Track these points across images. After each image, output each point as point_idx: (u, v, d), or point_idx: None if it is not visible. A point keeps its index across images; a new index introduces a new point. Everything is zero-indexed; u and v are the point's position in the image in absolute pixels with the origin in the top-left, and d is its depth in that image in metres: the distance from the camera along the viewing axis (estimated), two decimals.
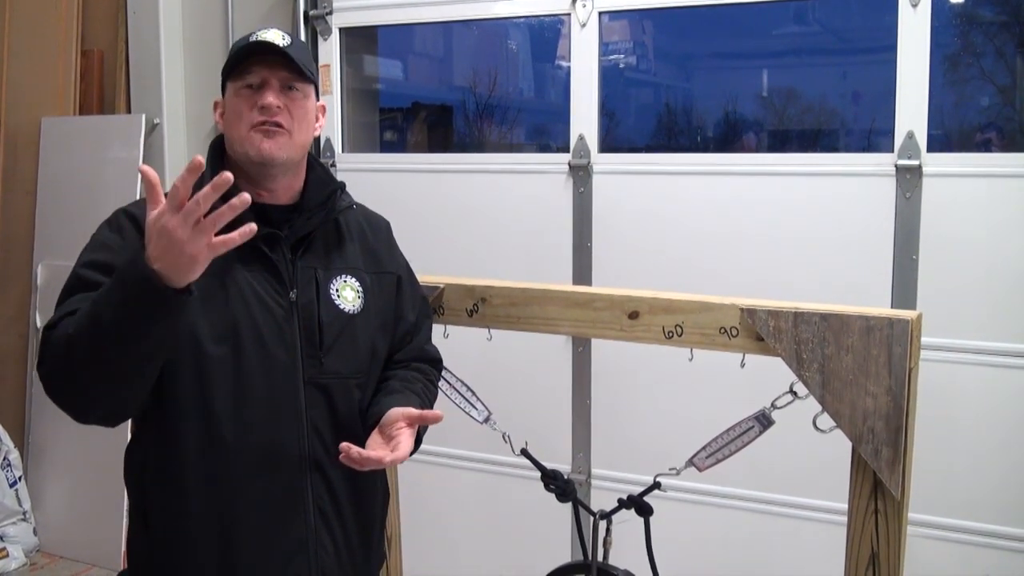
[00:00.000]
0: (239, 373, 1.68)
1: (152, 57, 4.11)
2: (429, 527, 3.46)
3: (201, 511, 1.69)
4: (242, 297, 1.70)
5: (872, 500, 1.79)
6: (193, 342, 1.66)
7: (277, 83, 1.73)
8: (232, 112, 1.76)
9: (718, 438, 1.90)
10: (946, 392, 2.85)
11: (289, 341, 1.73)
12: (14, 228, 4.40)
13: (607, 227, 3.36)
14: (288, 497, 1.73)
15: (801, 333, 1.77)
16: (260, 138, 1.72)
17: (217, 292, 1.68)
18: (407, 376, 1.90)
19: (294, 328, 1.73)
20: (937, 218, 2.90)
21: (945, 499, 2.92)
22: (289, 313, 1.73)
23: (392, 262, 1.95)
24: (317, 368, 1.75)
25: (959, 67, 3.10)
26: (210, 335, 1.67)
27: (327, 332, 1.76)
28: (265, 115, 1.71)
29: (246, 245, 1.68)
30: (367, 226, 1.94)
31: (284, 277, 1.74)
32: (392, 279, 1.92)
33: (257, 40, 1.73)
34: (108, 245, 1.68)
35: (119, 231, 1.71)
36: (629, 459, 3.30)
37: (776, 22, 3.61)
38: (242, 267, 1.71)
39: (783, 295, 1.89)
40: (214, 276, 1.67)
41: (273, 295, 1.73)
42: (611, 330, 1.97)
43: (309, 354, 1.74)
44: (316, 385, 1.75)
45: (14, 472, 4.16)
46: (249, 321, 1.69)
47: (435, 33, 4.27)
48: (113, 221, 1.74)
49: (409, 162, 3.94)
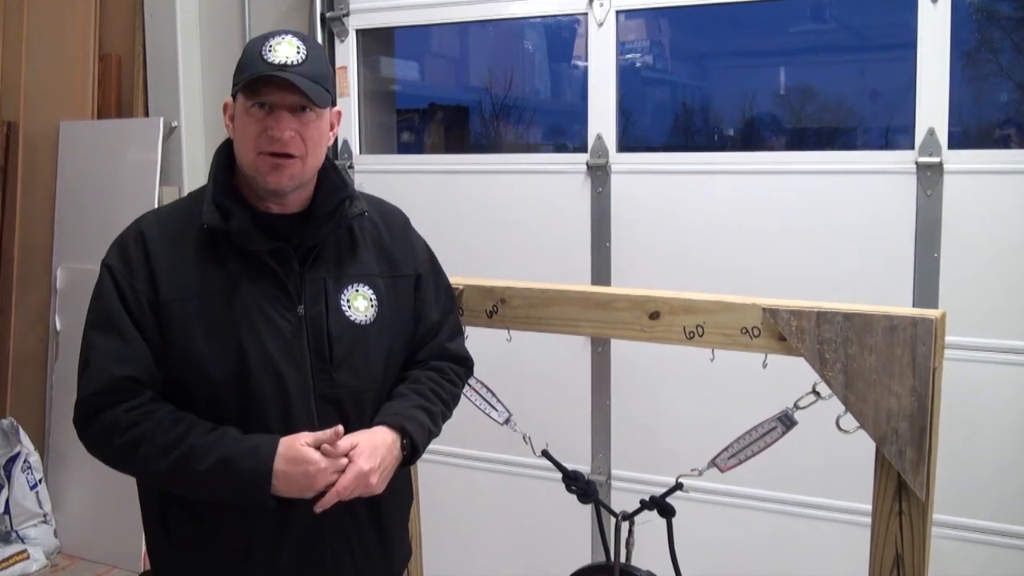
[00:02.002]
0: (248, 394, 1.67)
1: (169, 60, 4.13)
2: (450, 529, 3.45)
3: (217, 525, 1.70)
4: (247, 317, 1.67)
5: (896, 501, 1.77)
6: (198, 366, 1.66)
7: (288, 108, 1.66)
8: (241, 127, 1.70)
9: (740, 439, 1.88)
10: (969, 391, 2.82)
11: (298, 357, 1.70)
12: (33, 232, 4.42)
13: (626, 227, 3.34)
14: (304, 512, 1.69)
15: (824, 333, 1.76)
16: (268, 169, 1.67)
17: (222, 312, 1.67)
18: (418, 377, 1.87)
19: (303, 343, 1.71)
20: (958, 215, 2.87)
21: (968, 500, 2.89)
22: (298, 328, 1.71)
23: (409, 261, 1.90)
24: (328, 383, 1.73)
25: (977, 63, 3.07)
26: (216, 357, 1.65)
27: (337, 345, 1.73)
28: (275, 147, 1.66)
29: (253, 260, 1.68)
30: (382, 225, 1.89)
31: (292, 291, 1.72)
32: (409, 281, 1.89)
33: (265, 61, 1.64)
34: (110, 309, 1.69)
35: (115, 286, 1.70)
36: (648, 460, 3.29)
37: (794, 19, 3.59)
38: (249, 283, 1.69)
39: (803, 294, 1.87)
40: (220, 295, 1.67)
41: (281, 311, 1.70)
42: (631, 331, 1.96)
43: (320, 368, 1.72)
44: (328, 399, 1.73)
45: (35, 474, 4.18)
46: (255, 341, 1.67)
47: (451, 33, 4.26)
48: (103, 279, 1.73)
49: (426, 163, 3.93)
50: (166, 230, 1.72)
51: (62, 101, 4.35)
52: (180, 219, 1.75)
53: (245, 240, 1.68)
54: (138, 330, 1.66)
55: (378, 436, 1.71)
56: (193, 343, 1.65)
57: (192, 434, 1.60)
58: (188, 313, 1.66)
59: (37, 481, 4.18)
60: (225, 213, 1.69)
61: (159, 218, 1.78)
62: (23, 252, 4.45)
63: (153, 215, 1.80)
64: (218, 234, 1.69)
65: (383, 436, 1.71)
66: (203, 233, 1.70)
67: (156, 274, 1.67)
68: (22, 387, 4.43)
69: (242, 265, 1.69)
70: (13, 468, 4.13)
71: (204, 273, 1.68)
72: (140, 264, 1.68)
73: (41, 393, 4.36)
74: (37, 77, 4.43)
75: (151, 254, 1.68)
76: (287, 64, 1.64)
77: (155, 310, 1.66)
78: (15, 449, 4.17)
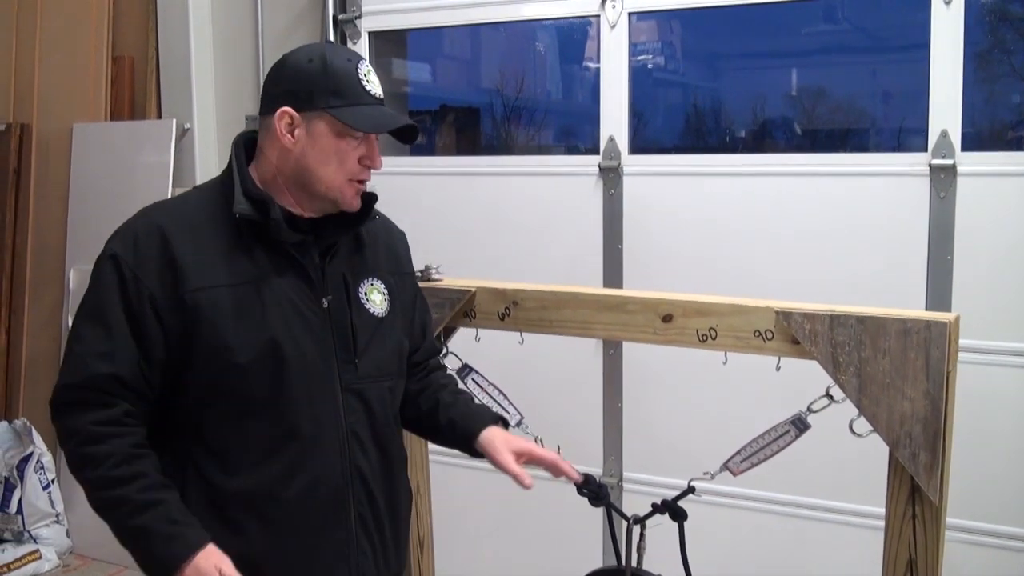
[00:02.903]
0: (280, 383, 1.68)
1: (182, 62, 4.14)
2: (460, 531, 3.45)
3: (244, 521, 1.70)
4: (278, 306, 1.69)
5: (910, 505, 1.77)
6: (227, 354, 1.65)
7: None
8: (329, 151, 1.70)
9: (753, 442, 1.88)
10: (981, 395, 2.81)
11: (326, 347, 1.73)
12: (46, 233, 4.44)
13: (637, 229, 3.34)
14: (331, 506, 1.74)
15: (837, 336, 1.75)
16: (354, 194, 1.74)
17: (252, 301, 1.68)
18: (464, 391, 2.01)
19: (328, 334, 1.74)
20: (971, 217, 2.86)
21: (980, 503, 2.88)
22: (324, 320, 1.73)
23: (409, 263, 1.99)
24: (352, 373, 1.75)
25: (989, 64, 3.06)
26: (245, 345, 1.66)
27: (360, 336, 1.77)
28: (367, 175, 1.75)
29: (279, 252, 1.70)
30: (385, 232, 1.95)
31: (316, 283, 1.74)
32: (412, 279, 1.96)
33: (376, 103, 1.74)
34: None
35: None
36: (660, 463, 3.28)
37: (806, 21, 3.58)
38: (276, 274, 1.71)
39: (815, 297, 1.87)
40: (250, 284, 1.68)
41: (307, 302, 1.72)
42: (644, 333, 1.96)
43: (345, 359, 1.75)
44: (352, 390, 1.75)
45: (47, 475, 4.19)
46: (286, 330, 1.68)
47: (462, 35, 4.26)
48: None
49: (438, 165, 3.94)
50: (185, 222, 1.71)
51: (75, 103, 4.37)
52: (196, 210, 1.75)
53: (277, 231, 1.70)
54: (131, 326, 1.64)
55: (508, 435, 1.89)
56: (222, 331, 1.65)
57: (135, 485, 1.60)
58: (216, 300, 1.65)
59: (50, 481, 4.20)
60: (257, 204, 1.70)
61: (172, 210, 1.77)
62: (36, 253, 4.47)
63: (162, 208, 1.79)
64: (245, 225, 1.70)
65: (504, 432, 1.89)
66: (230, 223, 1.70)
67: (179, 265, 1.65)
68: (35, 387, 4.44)
69: (270, 256, 1.70)
70: (26, 468, 4.15)
71: (232, 263, 1.69)
72: (155, 258, 1.66)
73: None
74: (50, 79, 4.45)
75: (173, 246, 1.66)
76: (382, 96, 1.75)
77: (167, 303, 1.65)
78: (28, 449, 4.18)
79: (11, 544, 4.09)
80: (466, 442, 1.87)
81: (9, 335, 4.53)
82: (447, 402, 1.93)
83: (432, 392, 1.96)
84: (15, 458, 4.17)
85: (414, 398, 1.95)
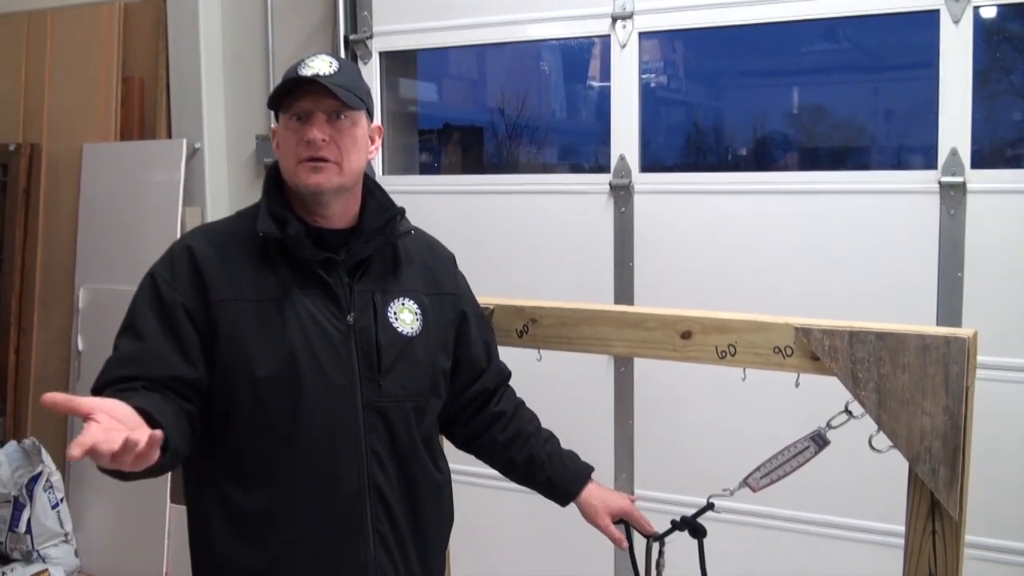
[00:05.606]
0: (297, 398, 1.69)
1: (192, 82, 4.16)
2: (475, 549, 3.44)
3: (261, 537, 1.71)
4: (299, 321, 1.70)
5: (930, 521, 1.77)
6: (246, 365, 1.67)
7: (323, 114, 1.72)
8: (282, 143, 1.77)
9: (773, 458, 1.88)
10: (993, 411, 2.80)
11: (347, 364, 1.73)
12: (56, 252, 4.45)
13: (649, 247, 3.35)
14: (348, 522, 1.74)
15: (857, 352, 1.76)
16: (307, 173, 1.72)
17: (274, 317, 1.69)
18: (551, 437, 2.09)
19: (352, 351, 1.74)
20: (982, 234, 2.88)
21: (994, 520, 2.88)
22: (347, 336, 1.74)
23: (451, 283, 1.96)
24: (376, 391, 1.75)
25: (990, 82, 3.08)
26: (264, 358, 1.68)
27: (386, 355, 1.76)
28: (311, 151, 1.71)
29: (304, 269, 1.71)
30: (428, 252, 1.95)
31: (342, 301, 1.75)
32: (450, 299, 1.93)
33: (298, 75, 1.72)
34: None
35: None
36: (672, 480, 3.28)
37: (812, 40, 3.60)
38: (299, 291, 1.72)
39: (828, 314, 1.87)
40: (271, 301, 1.70)
41: (331, 319, 1.73)
42: (663, 350, 1.96)
43: (368, 377, 1.75)
44: (374, 409, 1.75)
45: (56, 494, 4.19)
46: (306, 345, 1.69)
47: (468, 55, 4.28)
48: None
49: (447, 183, 3.95)
50: (214, 241, 1.76)
51: (85, 123, 4.39)
52: (227, 232, 1.79)
53: (298, 247, 1.71)
54: (162, 326, 1.66)
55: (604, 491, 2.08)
56: (242, 343, 1.67)
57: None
58: (239, 313, 1.68)
59: (59, 500, 4.19)
60: (280, 222, 1.72)
61: (206, 231, 1.82)
62: (45, 273, 4.48)
63: (200, 230, 1.84)
64: (270, 243, 1.72)
65: (600, 489, 2.06)
66: (255, 242, 1.73)
67: (206, 277, 1.69)
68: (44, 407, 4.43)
69: (293, 273, 1.72)
70: (35, 487, 4.14)
71: (256, 278, 1.71)
72: (186, 273, 1.69)
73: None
74: (60, 99, 4.47)
75: (199, 261, 1.70)
76: (319, 75, 1.71)
77: (200, 313, 1.67)
78: (37, 468, 4.17)
79: (20, 563, 4.08)
80: (563, 501, 2.05)
81: (18, 354, 4.53)
82: (542, 459, 2.01)
83: (523, 443, 2.02)
84: (24, 477, 4.16)
85: (504, 448, 2.00)
